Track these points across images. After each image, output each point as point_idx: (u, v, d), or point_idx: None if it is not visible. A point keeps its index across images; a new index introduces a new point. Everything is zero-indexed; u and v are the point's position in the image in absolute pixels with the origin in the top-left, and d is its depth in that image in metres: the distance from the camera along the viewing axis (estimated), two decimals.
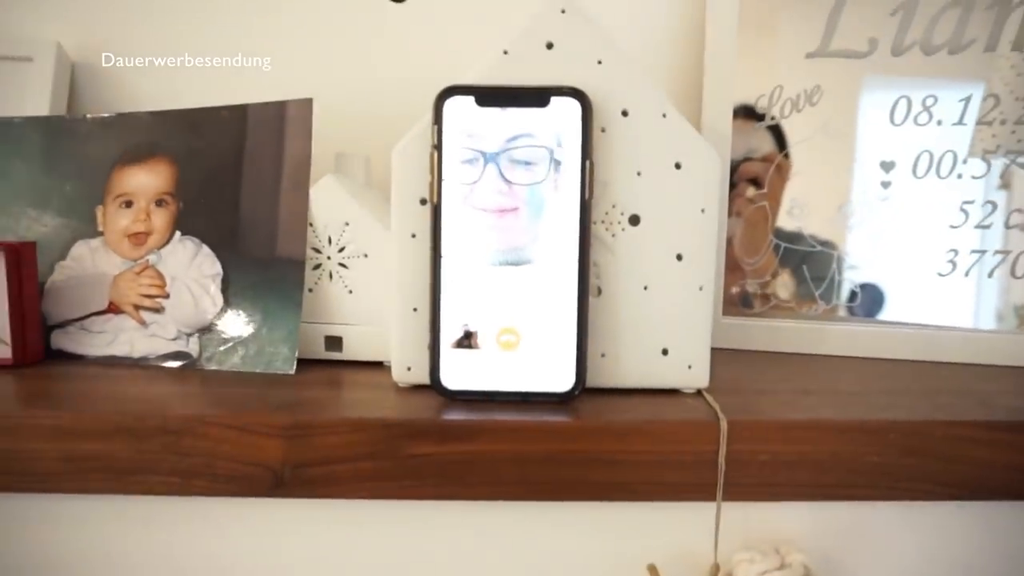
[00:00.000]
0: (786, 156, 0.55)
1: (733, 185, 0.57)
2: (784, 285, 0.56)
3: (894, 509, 0.40)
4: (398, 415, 0.38)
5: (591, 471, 0.38)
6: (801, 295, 0.56)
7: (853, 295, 0.54)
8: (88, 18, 0.65)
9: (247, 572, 0.40)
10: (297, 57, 0.65)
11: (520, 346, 0.40)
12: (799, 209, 0.55)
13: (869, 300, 0.54)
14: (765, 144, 0.56)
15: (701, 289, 0.42)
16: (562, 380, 0.40)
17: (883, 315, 0.54)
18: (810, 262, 0.55)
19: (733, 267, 0.57)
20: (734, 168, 0.57)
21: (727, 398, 0.41)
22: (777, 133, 0.56)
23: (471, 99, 0.39)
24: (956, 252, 0.52)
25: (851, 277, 0.54)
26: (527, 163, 0.39)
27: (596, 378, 0.42)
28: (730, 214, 0.57)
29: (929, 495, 0.38)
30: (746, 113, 0.56)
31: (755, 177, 0.56)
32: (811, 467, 0.38)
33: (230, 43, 0.65)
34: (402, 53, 0.65)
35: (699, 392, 0.43)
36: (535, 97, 0.39)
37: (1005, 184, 0.51)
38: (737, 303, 0.57)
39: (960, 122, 0.51)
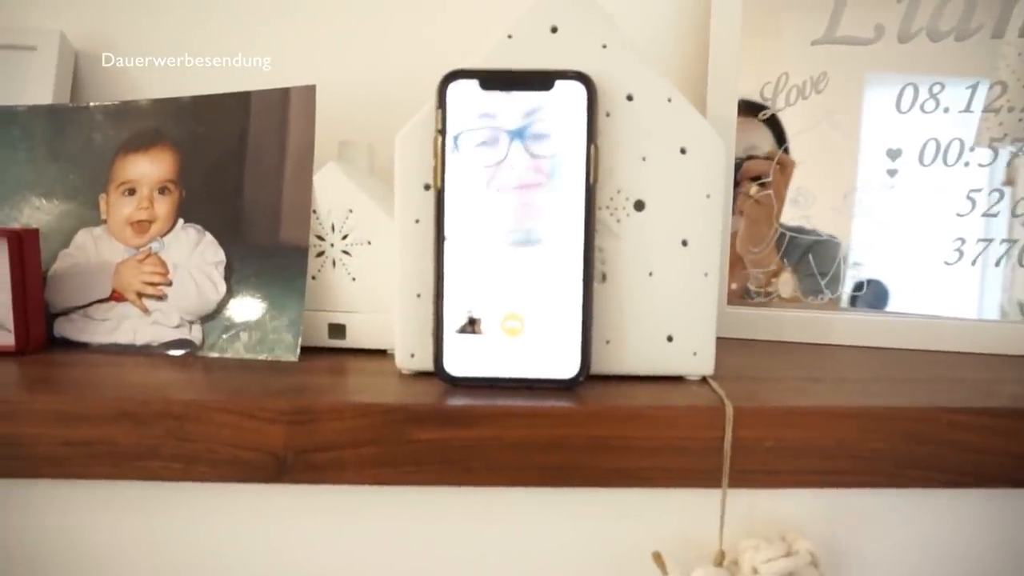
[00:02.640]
0: (786, 151, 0.55)
1: (737, 183, 0.57)
2: (785, 283, 0.56)
3: (899, 496, 0.40)
4: (401, 401, 0.38)
5: (595, 457, 0.37)
6: (807, 285, 0.55)
7: (859, 285, 0.54)
8: (92, 9, 0.65)
9: (249, 558, 0.40)
10: (299, 45, 0.65)
11: (524, 332, 0.40)
12: (804, 198, 0.55)
13: (875, 290, 0.54)
14: (764, 140, 0.56)
15: (706, 275, 0.42)
16: (566, 367, 0.40)
17: (889, 305, 0.54)
18: (815, 251, 0.55)
19: (736, 263, 0.57)
20: (737, 166, 0.56)
21: (732, 385, 0.41)
22: (776, 127, 0.56)
23: (475, 83, 0.39)
24: (963, 241, 0.52)
25: (857, 266, 0.54)
26: (548, 136, 0.39)
27: (600, 365, 0.41)
28: (733, 212, 0.57)
29: (933, 482, 0.38)
30: (748, 109, 0.56)
31: (758, 175, 0.56)
32: (817, 454, 0.38)
33: (231, 43, 0.65)
34: (406, 40, 0.65)
35: (704, 379, 0.42)
36: (540, 81, 0.39)
37: (1009, 180, 0.51)
38: (740, 297, 0.57)
39: (967, 110, 0.51)
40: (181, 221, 0.50)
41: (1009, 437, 0.38)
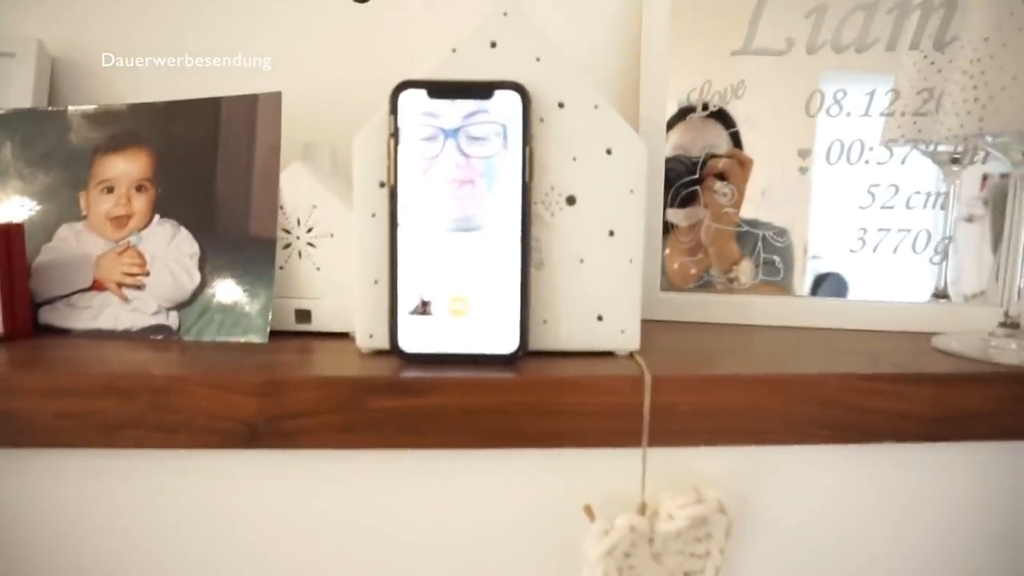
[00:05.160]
0: (738, 145, 0.60)
1: (702, 180, 0.62)
2: (745, 271, 0.61)
3: (796, 451, 0.46)
4: (361, 374, 0.42)
5: (532, 422, 0.43)
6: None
7: (777, 270, 0.60)
8: (70, 16, 0.68)
9: (226, 517, 0.45)
10: (264, 58, 0.69)
11: (470, 313, 0.45)
12: (727, 195, 0.61)
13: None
14: (720, 137, 0.61)
15: (631, 262, 0.47)
16: (507, 343, 0.45)
17: (808, 289, 0.60)
18: (739, 242, 0.61)
19: (696, 250, 0.62)
20: (703, 164, 0.62)
21: (656, 358, 0.46)
22: (726, 121, 0.61)
23: (423, 92, 0.44)
24: (865, 231, 0.58)
25: (773, 254, 0.60)
26: (482, 139, 0.44)
27: (538, 342, 0.47)
28: (699, 205, 0.62)
29: (825, 439, 0.44)
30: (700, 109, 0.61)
31: (720, 172, 0.61)
32: (725, 416, 0.43)
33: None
34: (364, 51, 0.70)
35: (631, 354, 0.48)
36: (480, 90, 0.44)
37: (947, 176, 0.57)
38: (701, 284, 0.62)
39: (866, 114, 0.57)
40: (157, 216, 0.54)
41: (889, 398, 0.44)
